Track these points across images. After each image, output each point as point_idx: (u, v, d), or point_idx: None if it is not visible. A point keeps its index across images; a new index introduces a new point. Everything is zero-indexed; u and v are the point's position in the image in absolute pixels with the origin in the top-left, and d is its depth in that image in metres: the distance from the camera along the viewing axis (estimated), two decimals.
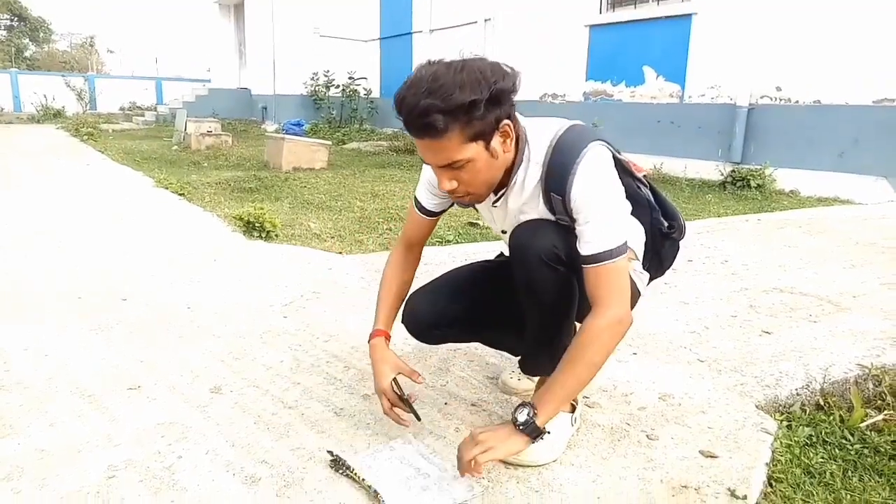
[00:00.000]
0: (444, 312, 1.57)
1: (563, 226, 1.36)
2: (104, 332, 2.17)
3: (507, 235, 1.50)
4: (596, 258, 1.28)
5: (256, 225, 3.71)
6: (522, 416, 1.26)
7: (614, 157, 1.38)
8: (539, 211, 1.39)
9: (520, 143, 1.35)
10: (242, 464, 1.40)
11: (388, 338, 1.55)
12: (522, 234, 1.37)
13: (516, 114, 1.32)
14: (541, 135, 1.35)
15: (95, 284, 2.70)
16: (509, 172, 1.36)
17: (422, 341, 1.65)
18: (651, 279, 1.63)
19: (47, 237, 3.59)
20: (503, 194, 1.41)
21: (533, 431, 1.26)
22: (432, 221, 1.62)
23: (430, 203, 1.57)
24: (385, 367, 1.48)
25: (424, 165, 1.56)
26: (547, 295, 1.37)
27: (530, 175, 1.35)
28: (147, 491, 1.29)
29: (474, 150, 1.24)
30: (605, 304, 1.27)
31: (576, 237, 1.32)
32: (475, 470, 1.25)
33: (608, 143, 1.36)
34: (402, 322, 1.60)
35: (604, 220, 1.29)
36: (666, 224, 1.56)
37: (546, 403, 1.28)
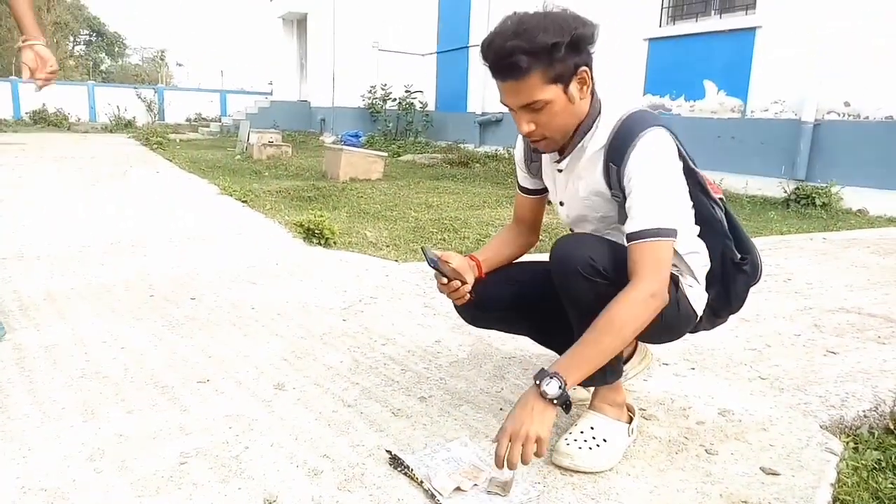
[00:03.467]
0: (492, 295, 1.60)
1: (605, 240, 1.40)
2: (175, 327, 2.28)
3: (564, 210, 1.57)
4: (639, 234, 1.31)
5: (316, 232, 3.83)
6: (553, 390, 1.23)
7: (685, 164, 1.44)
8: (595, 180, 1.43)
9: (594, 100, 1.41)
10: (305, 457, 1.45)
11: (478, 264, 1.60)
12: (562, 247, 1.40)
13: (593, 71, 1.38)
14: (615, 108, 1.42)
15: (166, 283, 2.84)
16: (575, 136, 1.42)
17: (469, 323, 1.72)
18: (717, 318, 1.61)
19: (122, 239, 3.79)
20: (569, 154, 1.46)
21: (566, 403, 1.25)
22: (535, 200, 1.71)
23: (525, 182, 1.70)
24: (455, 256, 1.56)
25: (515, 150, 1.67)
26: (585, 306, 1.36)
27: (597, 139, 1.41)
28: (216, 478, 1.36)
29: (553, 92, 1.32)
30: (641, 277, 1.29)
31: (620, 249, 1.36)
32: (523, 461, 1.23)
33: (676, 137, 1.40)
34: (454, 304, 1.64)
35: (653, 197, 1.32)
36: (738, 256, 1.54)
37: (572, 371, 1.26)
